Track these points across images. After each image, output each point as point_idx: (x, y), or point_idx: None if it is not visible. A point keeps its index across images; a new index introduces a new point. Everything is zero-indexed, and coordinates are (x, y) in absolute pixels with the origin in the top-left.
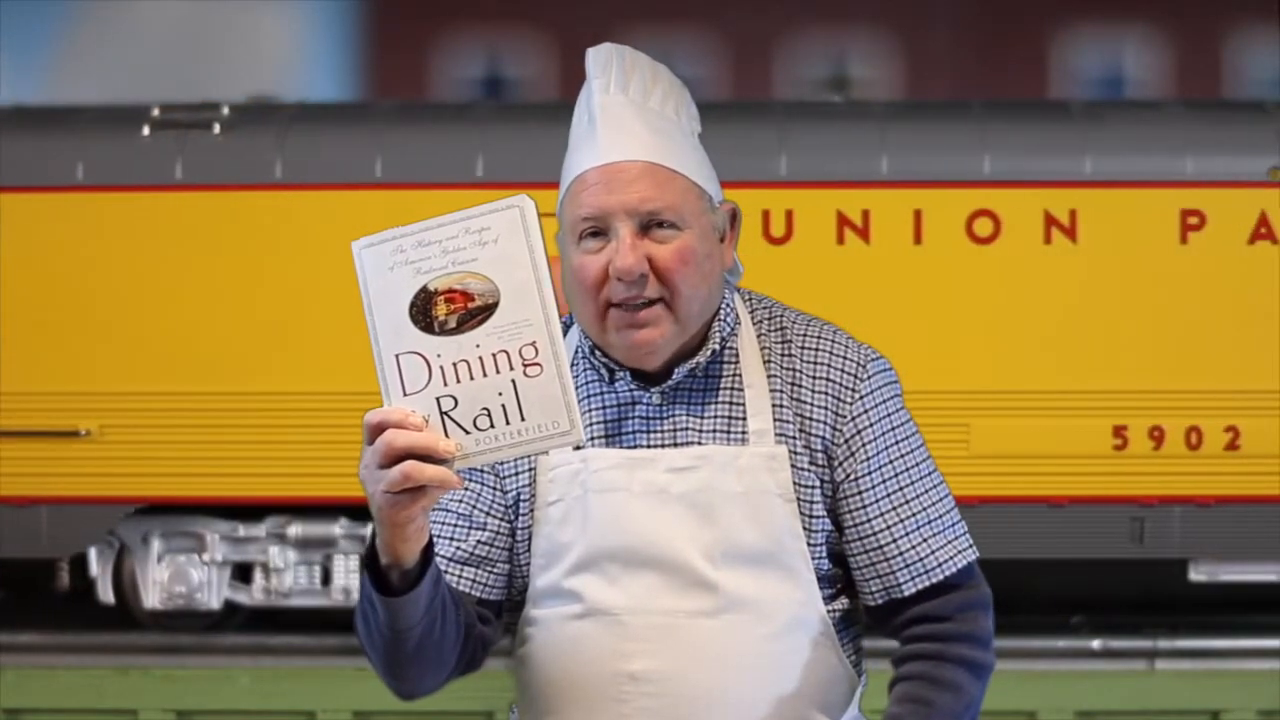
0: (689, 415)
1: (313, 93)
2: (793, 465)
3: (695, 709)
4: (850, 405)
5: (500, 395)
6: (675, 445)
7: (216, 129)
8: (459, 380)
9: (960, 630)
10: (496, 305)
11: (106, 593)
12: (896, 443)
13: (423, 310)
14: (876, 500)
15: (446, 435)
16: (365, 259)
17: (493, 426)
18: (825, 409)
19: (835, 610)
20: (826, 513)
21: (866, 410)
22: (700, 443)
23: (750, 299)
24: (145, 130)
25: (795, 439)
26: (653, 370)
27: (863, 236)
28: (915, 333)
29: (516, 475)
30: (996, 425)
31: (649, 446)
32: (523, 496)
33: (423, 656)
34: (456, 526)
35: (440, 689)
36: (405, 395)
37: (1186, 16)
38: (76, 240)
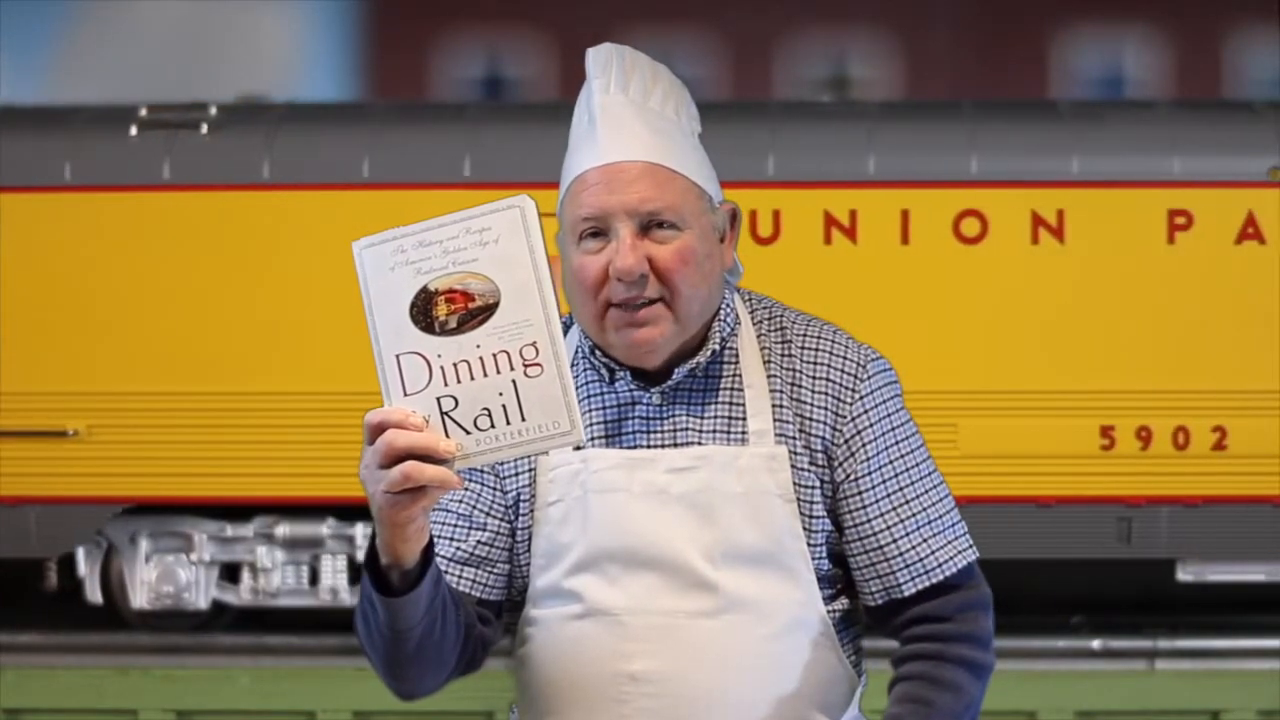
0: (689, 415)
1: (313, 93)
2: (793, 465)
3: (695, 709)
4: (850, 405)
5: (501, 395)
6: (675, 445)
7: (204, 129)
8: (459, 380)
9: (960, 630)
10: (497, 305)
11: (95, 593)
12: (897, 443)
13: (423, 310)
14: (876, 500)
15: (447, 435)
16: (366, 259)
17: (493, 427)
18: (825, 409)
19: (835, 610)
20: (826, 513)
21: (866, 410)
22: (700, 443)
23: (750, 299)
24: (133, 130)
25: (795, 439)
26: (653, 370)
27: (850, 236)
28: (902, 333)
29: (516, 475)
30: (984, 425)
31: (649, 447)
32: (523, 497)
33: (423, 657)
34: (456, 527)
35: (440, 689)
36: (406, 395)
37: (1186, 16)
38: (63, 241)
